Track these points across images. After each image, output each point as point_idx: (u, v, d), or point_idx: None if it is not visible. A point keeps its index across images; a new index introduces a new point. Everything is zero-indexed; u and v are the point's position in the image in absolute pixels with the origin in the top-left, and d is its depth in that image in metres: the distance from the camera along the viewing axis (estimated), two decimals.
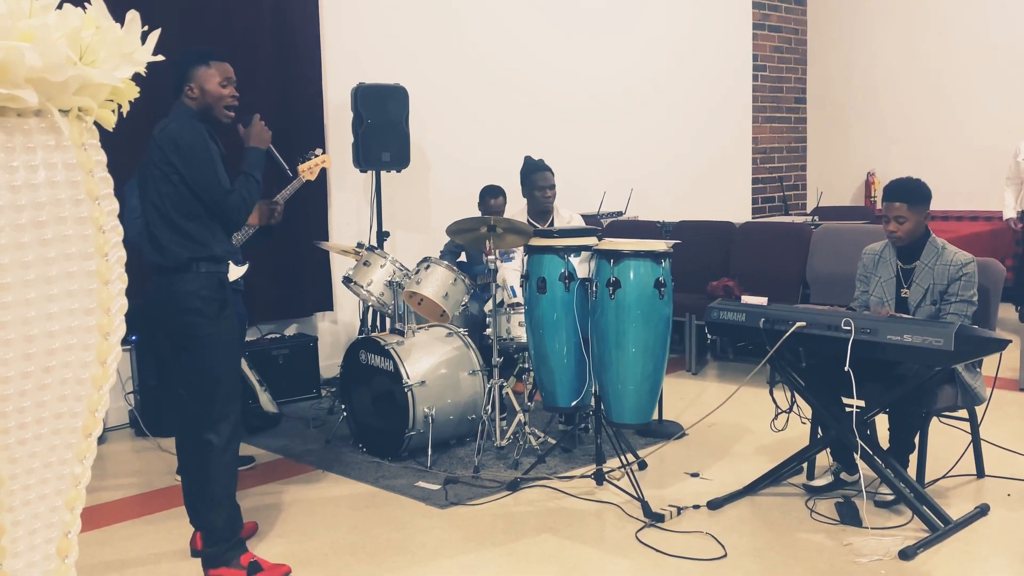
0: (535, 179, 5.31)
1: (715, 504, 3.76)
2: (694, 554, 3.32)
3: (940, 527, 3.41)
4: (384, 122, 5.69)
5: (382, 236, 5.81)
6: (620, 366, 3.77)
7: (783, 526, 3.57)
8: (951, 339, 3.11)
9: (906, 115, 9.24)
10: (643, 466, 4.23)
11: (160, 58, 1.87)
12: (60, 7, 1.69)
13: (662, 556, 3.31)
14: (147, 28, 1.85)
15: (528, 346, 4.20)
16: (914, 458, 3.75)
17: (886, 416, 3.73)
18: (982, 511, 3.61)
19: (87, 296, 1.79)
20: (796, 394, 3.69)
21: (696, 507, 3.75)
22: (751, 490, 3.87)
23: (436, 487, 4.01)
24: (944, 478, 3.92)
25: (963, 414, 3.89)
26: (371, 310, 5.43)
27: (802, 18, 9.89)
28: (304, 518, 3.77)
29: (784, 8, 9.65)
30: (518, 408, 4.51)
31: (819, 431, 3.92)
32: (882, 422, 3.81)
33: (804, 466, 3.99)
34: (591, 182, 7.35)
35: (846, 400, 3.60)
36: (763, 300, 3.68)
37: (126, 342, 4.46)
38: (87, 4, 1.75)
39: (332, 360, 5.82)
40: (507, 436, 4.47)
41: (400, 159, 5.80)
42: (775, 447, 4.37)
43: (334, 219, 6.11)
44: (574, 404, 4.03)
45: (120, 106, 1.85)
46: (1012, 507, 3.70)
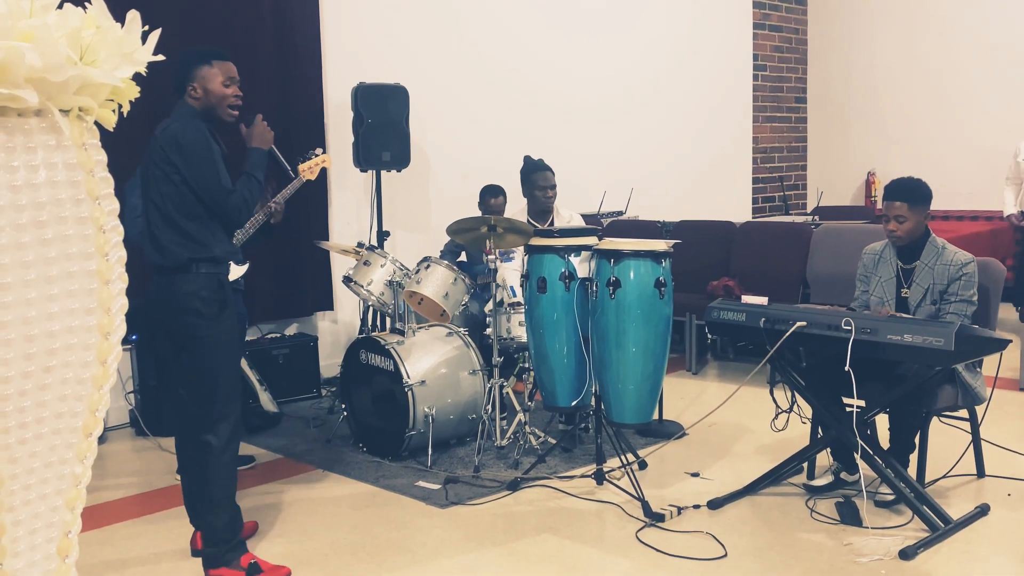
0: (536, 179, 5.32)
1: (715, 504, 3.76)
2: (694, 554, 3.32)
3: (940, 527, 3.41)
4: (384, 122, 5.69)
5: (382, 236, 5.81)
6: (620, 366, 3.77)
7: (783, 526, 3.57)
8: (951, 339, 3.11)
9: (906, 115, 9.25)
10: (643, 466, 4.23)
11: (160, 58, 1.87)
12: (60, 7, 1.69)
13: (662, 556, 3.32)
14: (147, 28, 1.85)
15: (528, 346, 4.20)
16: (914, 458, 3.75)
17: (886, 416, 3.73)
18: (982, 511, 3.61)
19: (88, 296, 1.79)
20: (796, 394, 3.69)
21: (696, 507, 3.75)
22: (751, 490, 3.87)
23: (436, 487, 4.01)
24: (944, 478, 3.92)
25: (963, 414, 3.89)
26: (371, 310, 5.43)
27: (802, 18, 9.89)
28: (304, 518, 3.77)
29: (784, 8, 9.65)
30: (518, 408, 4.51)
31: (819, 431, 3.92)
32: (882, 422, 3.81)
33: (804, 466, 3.99)
34: (591, 182, 7.36)
35: (846, 400, 3.60)
36: (763, 300, 3.68)
37: (126, 342, 4.47)
38: (87, 4, 1.75)
39: (332, 360, 5.82)
40: (507, 436, 4.47)
41: (400, 159, 5.80)
42: (775, 447, 4.37)
43: (334, 219, 6.11)
44: (574, 404, 4.03)
45: (120, 106, 1.85)
46: (1012, 507, 3.70)
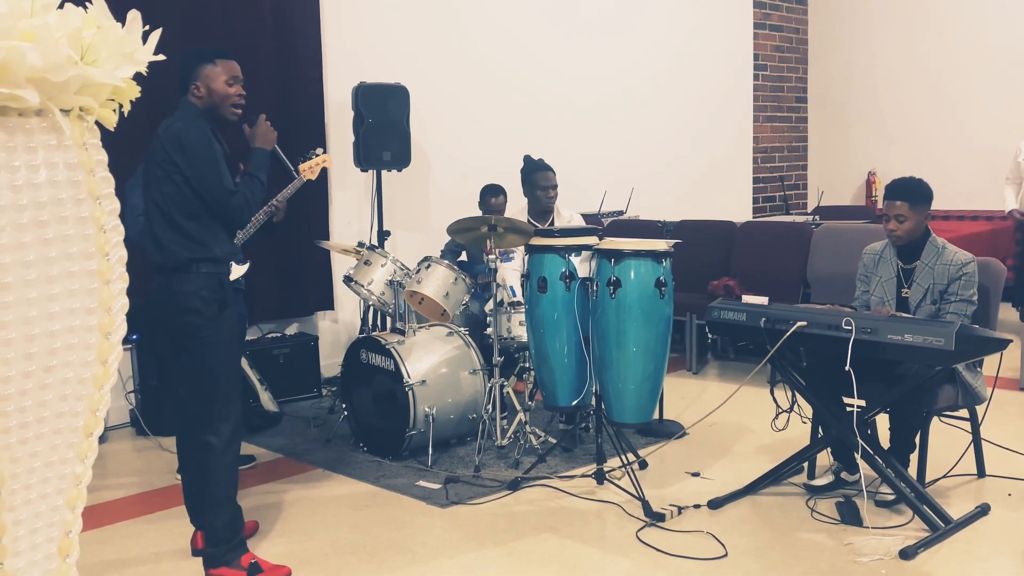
0: (537, 179, 5.31)
1: (716, 503, 3.76)
2: (695, 553, 3.32)
3: (941, 527, 3.41)
4: (385, 121, 5.69)
5: (383, 235, 5.81)
6: (621, 365, 3.77)
7: (784, 525, 3.57)
8: (952, 339, 3.11)
9: (907, 115, 9.25)
10: (644, 465, 4.23)
11: (161, 57, 1.87)
12: (61, 7, 1.69)
13: (663, 555, 3.32)
14: (148, 28, 1.85)
15: (529, 345, 4.21)
16: (915, 458, 3.75)
17: (887, 416, 3.73)
18: (983, 511, 3.61)
19: (88, 295, 1.79)
20: (797, 393, 3.69)
21: (697, 506, 3.75)
22: (752, 489, 3.87)
23: (437, 486, 4.01)
24: (945, 478, 3.92)
25: (964, 414, 3.89)
26: (372, 309, 5.43)
27: (803, 18, 9.89)
28: (305, 517, 3.77)
29: (785, 8, 9.65)
30: (519, 407, 4.51)
31: (820, 430, 3.92)
32: (883, 422, 3.81)
33: (805, 466, 3.99)
34: (592, 182, 7.36)
35: (847, 400, 3.60)
36: (764, 300, 3.68)
37: (127, 341, 4.47)
38: (88, 4, 1.75)
39: (333, 359, 5.82)
40: (508, 435, 4.47)
41: (401, 158, 5.80)
42: (776, 446, 4.37)
43: (335, 218, 6.11)
44: (575, 403, 4.03)
45: (121, 106, 1.86)
46: (1013, 507, 3.70)
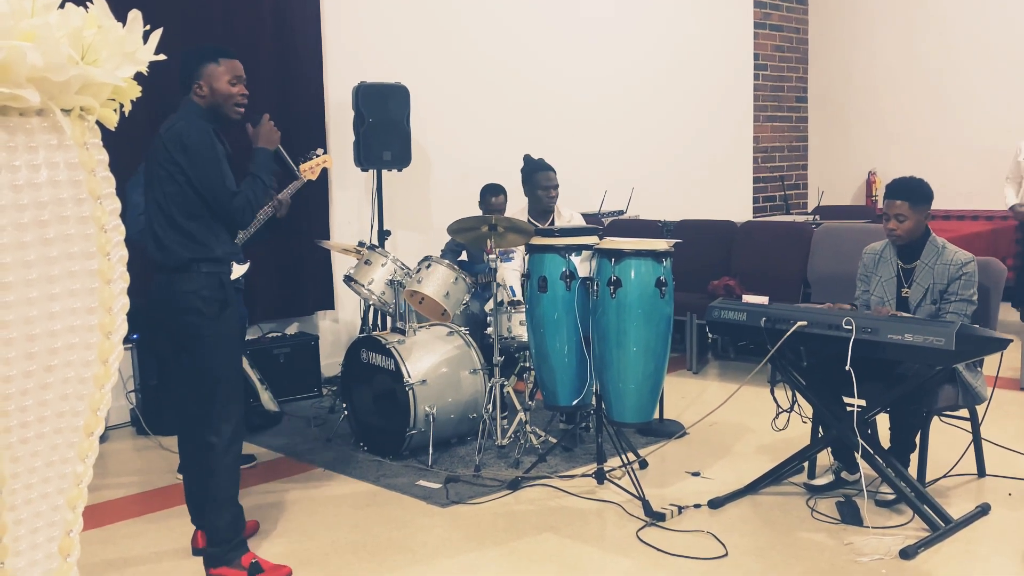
0: (539, 179, 5.30)
1: (716, 503, 3.76)
2: (695, 553, 3.32)
3: (941, 526, 3.41)
4: (385, 121, 5.69)
5: (383, 235, 5.81)
6: (621, 365, 3.77)
7: (784, 525, 3.57)
8: (952, 338, 3.11)
9: (907, 115, 9.24)
10: (644, 465, 4.23)
11: (162, 57, 1.87)
12: (62, 6, 1.69)
13: (663, 555, 3.32)
14: (149, 28, 1.85)
15: (529, 345, 4.21)
16: (915, 457, 3.75)
17: (887, 415, 3.73)
18: (983, 510, 3.61)
19: (89, 295, 1.79)
20: (797, 393, 3.69)
21: (697, 506, 3.75)
22: (752, 489, 3.87)
23: (437, 486, 4.01)
24: (945, 477, 3.92)
25: (964, 413, 3.89)
26: (372, 309, 5.43)
27: (803, 17, 9.89)
28: (305, 517, 3.77)
29: (785, 7, 9.65)
30: (519, 407, 4.51)
31: (820, 430, 3.92)
32: (883, 421, 3.81)
33: (805, 465, 3.99)
34: (592, 181, 7.36)
35: (847, 399, 3.60)
36: (764, 299, 3.68)
37: (127, 341, 4.47)
38: (89, 3, 1.75)
39: (333, 359, 5.82)
40: (508, 435, 4.47)
41: (401, 158, 5.80)
42: (776, 446, 4.37)
43: (335, 218, 6.11)
44: (575, 403, 4.03)
45: (122, 105, 1.86)
46: (1013, 507, 3.70)
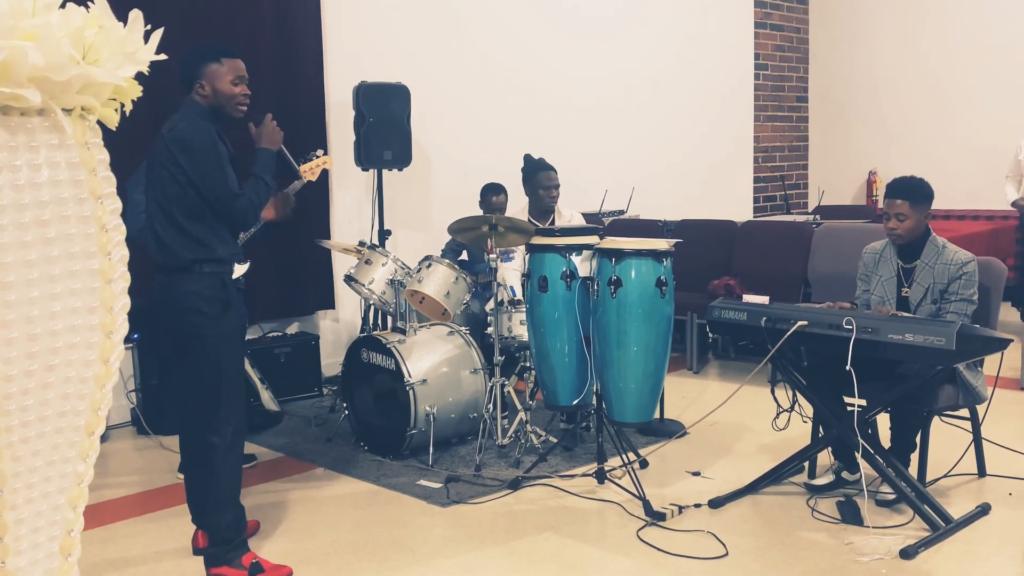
0: (540, 178, 5.29)
1: (716, 503, 3.76)
2: (695, 553, 3.32)
3: (941, 526, 3.41)
4: (386, 121, 5.69)
5: (384, 234, 5.81)
6: (621, 365, 3.77)
7: (784, 525, 3.57)
8: (952, 338, 3.10)
9: (907, 114, 9.25)
10: (644, 465, 4.23)
11: (163, 57, 1.87)
12: (63, 6, 1.69)
13: (663, 555, 3.32)
14: (149, 27, 1.85)
15: (530, 345, 4.21)
16: (915, 457, 3.75)
17: (887, 415, 3.73)
18: (983, 510, 3.61)
19: (90, 295, 1.79)
20: (797, 393, 3.69)
21: (697, 506, 3.75)
22: (752, 489, 3.87)
23: (438, 485, 4.01)
24: (945, 477, 3.92)
25: (964, 413, 3.89)
26: (373, 308, 5.43)
27: (804, 17, 9.89)
28: (305, 516, 3.77)
29: (786, 7, 9.65)
30: (519, 407, 4.51)
31: (820, 430, 3.92)
32: (883, 421, 3.81)
33: (805, 465, 3.99)
34: (592, 181, 7.36)
35: (847, 399, 3.60)
36: (765, 299, 3.68)
37: (128, 340, 4.46)
38: (90, 3, 1.75)
39: (334, 358, 5.82)
40: (508, 435, 4.47)
41: (402, 158, 5.80)
42: (776, 446, 4.37)
43: (336, 217, 6.11)
44: (575, 403, 4.03)
45: (123, 105, 1.86)
46: (1013, 506, 3.70)
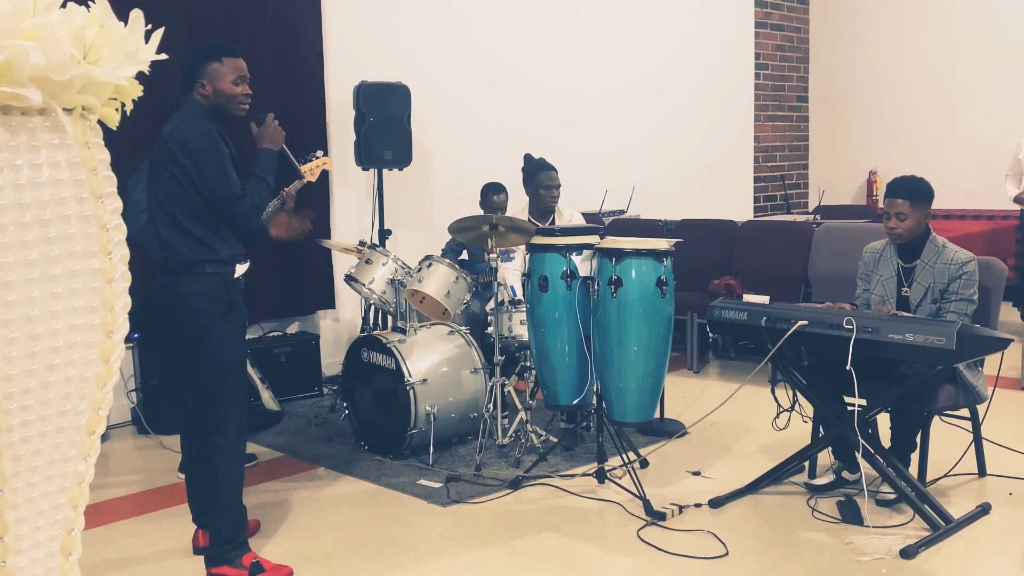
0: (541, 178, 5.28)
1: (717, 502, 3.76)
2: (696, 552, 3.32)
3: (941, 526, 3.41)
4: (386, 120, 5.69)
5: (384, 234, 5.81)
6: (622, 364, 3.77)
7: (785, 524, 3.57)
8: (953, 338, 3.10)
9: (907, 114, 9.25)
10: (645, 464, 4.23)
11: (163, 56, 1.87)
12: (64, 6, 1.69)
13: (664, 554, 3.32)
14: (150, 27, 1.85)
15: (530, 344, 4.21)
16: (915, 457, 3.75)
17: (888, 415, 3.73)
18: (984, 510, 3.61)
19: (91, 294, 1.79)
20: (798, 392, 3.69)
21: (698, 505, 3.75)
22: (753, 488, 3.87)
23: (438, 485, 4.01)
24: (945, 477, 3.92)
25: (964, 413, 3.89)
26: (373, 308, 5.44)
27: (804, 16, 9.89)
28: (306, 516, 3.77)
29: (786, 7, 9.65)
30: (520, 406, 4.51)
31: (821, 430, 3.92)
32: (884, 421, 3.81)
33: (806, 465, 3.99)
34: (593, 181, 7.36)
35: (848, 399, 3.60)
36: (765, 299, 3.68)
37: (128, 340, 4.46)
38: (91, 3, 1.75)
39: (334, 358, 5.82)
40: (509, 434, 4.47)
41: (402, 157, 5.80)
42: (777, 446, 4.37)
43: (336, 217, 6.11)
44: (576, 402, 4.03)
45: (124, 104, 1.86)
46: (1014, 506, 3.70)
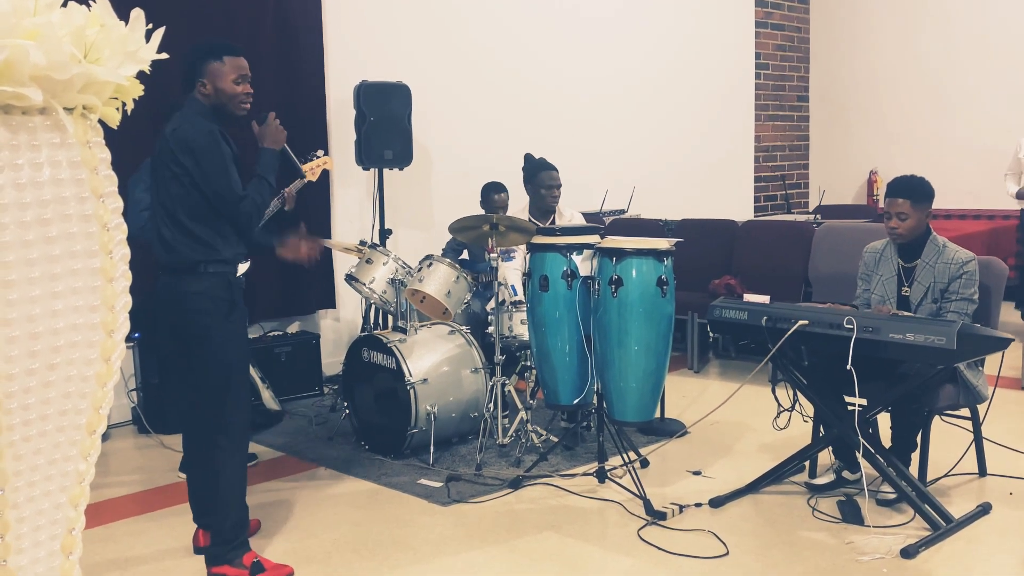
0: (542, 178, 5.27)
1: (717, 502, 3.76)
2: (696, 552, 3.32)
3: (942, 526, 3.41)
4: (387, 120, 5.69)
5: (384, 234, 5.81)
6: (622, 364, 3.77)
7: (785, 524, 3.57)
8: (953, 338, 3.10)
9: (908, 114, 9.25)
10: (645, 464, 4.23)
11: (164, 56, 1.88)
12: (64, 5, 1.69)
13: (664, 554, 3.32)
14: (151, 26, 1.85)
15: (530, 344, 4.21)
16: (916, 456, 3.75)
17: (888, 414, 3.73)
18: (984, 510, 3.61)
19: (91, 293, 1.79)
20: (798, 392, 3.69)
21: (698, 505, 3.75)
22: (753, 488, 3.87)
23: (438, 485, 4.01)
24: (946, 477, 3.92)
25: (965, 413, 3.89)
26: (373, 308, 5.44)
27: (805, 16, 9.89)
28: (306, 516, 3.77)
29: (787, 7, 9.64)
30: (520, 406, 4.51)
31: (821, 429, 3.92)
32: (884, 420, 3.81)
33: (806, 464, 3.99)
34: (593, 180, 7.36)
35: (848, 398, 3.60)
36: (765, 298, 3.68)
37: (129, 339, 4.47)
38: (91, 2, 1.75)
39: (334, 358, 5.83)
40: (509, 434, 4.47)
41: (402, 157, 5.80)
42: (777, 445, 4.37)
43: (337, 217, 6.11)
44: (576, 402, 4.03)
45: (124, 104, 1.86)
46: (1014, 506, 3.70)
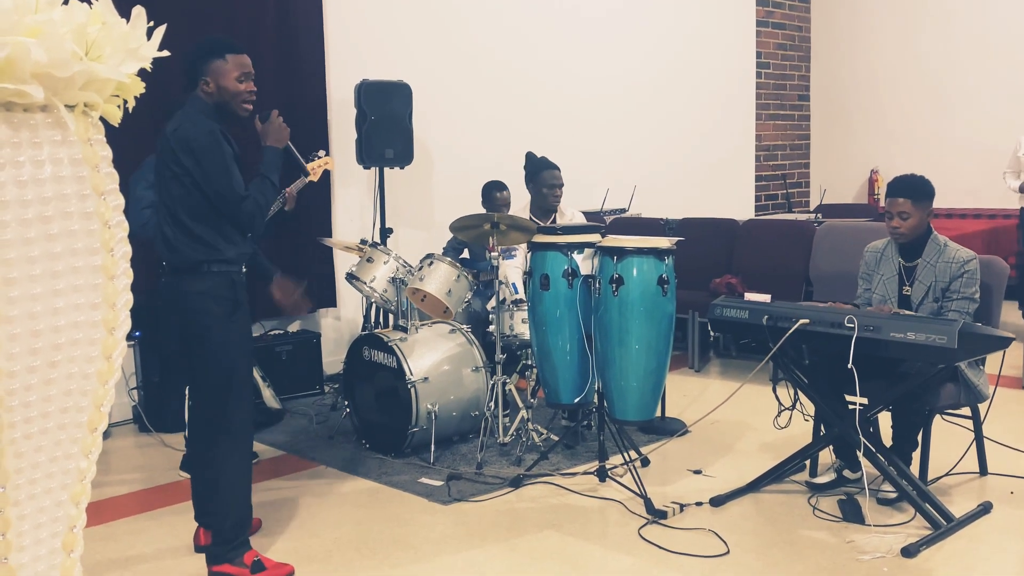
0: (545, 177, 5.26)
1: (718, 501, 3.76)
2: (697, 551, 3.32)
3: (943, 525, 3.41)
4: (387, 119, 5.69)
5: (385, 233, 5.81)
6: (623, 363, 3.77)
7: (786, 523, 3.57)
8: (954, 337, 3.10)
9: (908, 113, 9.25)
10: (646, 463, 4.23)
11: (165, 53, 1.87)
12: (66, 3, 1.69)
13: (665, 553, 3.32)
14: (152, 24, 1.85)
15: (531, 343, 4.21)
16: (917, 455, 3.75)
17: (889, 413, 3.73)
18: (985, 509, 3.61)
19: (93, 291, 1.79)
20: (799, 391, 3.69)
21: (699, 504, 3.75)
22: (754, 487, 3.87)
23: (439, 483, 4.02)
24: (947, 476, 3.91)
25: (966, 412, 3.89)
26: (374, 306, 5.43)
27: (806, 15, 9.88)
28: (307, 514, 3.77)
29: (788, 6, 9.64)
30: (521, 405, 4.51)
31: (822, 428, 3.92)
32: (885, 419, 3.81)
33: (807, 463, 3.99)
34: (594, 179, 7.36)
35: (849, 397, 3.60)
36: (766, 297, 3.68)
37: (130, 337, 4.47)
38: (93, 0, 1.75)
39: (335, 356, 5.83)
40: (510, 433, 4.47)
41: (403, 156, 5.80)
42: (778, 444, 4.37)
43: (337, 216, 6.11)
44: (577, 401, 4.04)
45: (126, 101, 1.86)
46: (1015, 505, 3.70)
